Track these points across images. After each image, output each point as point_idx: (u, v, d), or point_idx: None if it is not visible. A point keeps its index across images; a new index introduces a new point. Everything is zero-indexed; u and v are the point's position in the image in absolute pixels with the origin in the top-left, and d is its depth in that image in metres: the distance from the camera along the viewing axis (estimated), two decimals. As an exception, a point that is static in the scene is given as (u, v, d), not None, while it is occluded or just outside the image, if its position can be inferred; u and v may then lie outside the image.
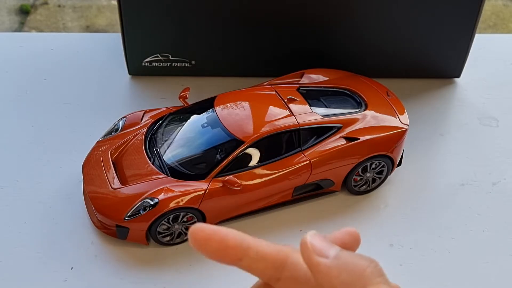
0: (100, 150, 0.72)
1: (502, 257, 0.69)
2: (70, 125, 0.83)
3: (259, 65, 0.88)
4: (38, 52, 0.95)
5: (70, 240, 0.69)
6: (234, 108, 0.71)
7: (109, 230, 0.68)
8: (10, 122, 0.83)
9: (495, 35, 1.36)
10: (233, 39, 0.86)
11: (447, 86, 0.91)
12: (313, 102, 0.73)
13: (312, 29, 0.84)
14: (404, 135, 0.74)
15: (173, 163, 0.68)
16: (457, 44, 0.87)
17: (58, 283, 0.65)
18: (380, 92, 0.78)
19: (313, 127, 0.70)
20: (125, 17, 0.82)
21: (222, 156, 0.68)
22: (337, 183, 0.73)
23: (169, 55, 0.87)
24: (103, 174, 0.69)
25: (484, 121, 0.86)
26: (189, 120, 0.72)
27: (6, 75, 0.91)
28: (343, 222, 0.71)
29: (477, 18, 0.83)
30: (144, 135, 0.72)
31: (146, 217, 0.65)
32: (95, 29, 2.01)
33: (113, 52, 0.93)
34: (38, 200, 0.73)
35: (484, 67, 0.94)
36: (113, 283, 0.65)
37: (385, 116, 0.75)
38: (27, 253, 0.68)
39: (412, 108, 0.83)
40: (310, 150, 0.70)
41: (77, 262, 0.67)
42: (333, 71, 0.82)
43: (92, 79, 0.90)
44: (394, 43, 0.86)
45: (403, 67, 0.89)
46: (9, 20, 2.05)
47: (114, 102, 0.86)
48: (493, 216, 0.74)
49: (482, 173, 0.79)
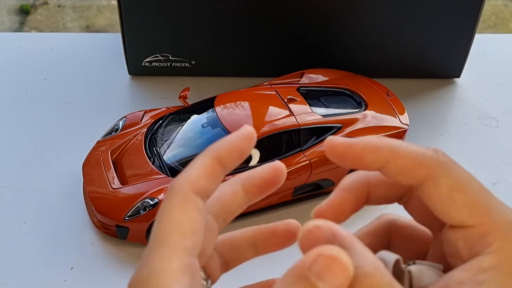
0: (100, 150, 0.72)
1: (502, 257, 0.69)
2: (70, 125, 0.83)
3: (259, 65, 0.88)
4: (38, 52, 0.95)
5: (70, 240, 0.69)
6: (234, 108, 0.71)
7: (109, 230, 0.68)
8: (10, 122, 0.83)
9: (495, 35, 1.36)
10: (233, 39, 0.86)
11: (447, 86, 0.91)
12: (313, 102, 0.73)
13: (312, 29, 0.84)
14: (404, 135, 0.74)
15: (173, 163, 0.68)
16: (457, 44, 0.87)
17: (58, 283, 0.65)
18: (380, 92, 0.78)
19: (313, 127, 0.70)
20: (125, 17, 0.82)
21: (222, 156, 0.68)
22: (337, 183, 0.73)
23: (169, 55, 0.87)
24: (103, 174, 0.69)
25: (484, 121, 0.86)
26: (189, 120, 0.72)
27: (6, 75, 0.91)
28: (343, 222, 0.71)
29: (477, 18, 0.83)
30: (144, 135, 0.72)
31: (146, 217, 0.65)
32: (95, 29, 2.00)
33: (113, 52, 0.93)
34: (38, 200, 0.73)
35: (484, 67, 0.94)
36: (113, 283, 0.65)
37: (385, 116, 0.75)
38: (27, 253, 0.68)
39: (412, 108, 0.83)
40: (310, 150, 0.70)
41: (77, 262, 0.67)
42: (333, 71, 0.82)
43: (92, 79, 0.90)
44: (394, 43, 0.86)
45: (403, 67, 0.89)
46: (9, 20, 2.05)
47: (114, 102, 0.86)
48: (493, 216, 0.73)
49: (482, 173, 0.78)
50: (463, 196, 0.29)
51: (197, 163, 0.32)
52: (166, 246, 0.29)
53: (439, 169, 0.30)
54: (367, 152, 0.31)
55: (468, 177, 0.30)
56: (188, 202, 0.31)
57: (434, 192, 0.30)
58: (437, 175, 0.29)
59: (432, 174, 0.29)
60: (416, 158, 0.30)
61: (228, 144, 0.33)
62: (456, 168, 0.30)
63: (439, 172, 0.29)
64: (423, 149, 0.30)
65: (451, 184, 0.29)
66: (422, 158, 0.30)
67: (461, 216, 0.29)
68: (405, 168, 0.30)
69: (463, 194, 0.29)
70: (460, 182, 0.29)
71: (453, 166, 0.30)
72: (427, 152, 0.30)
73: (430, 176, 0.30)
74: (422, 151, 0.30)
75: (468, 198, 0.29)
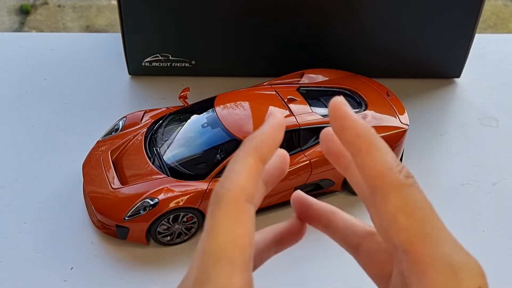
0: (100, 150, 0.72)
1: (502, 257, 0.69)
2: (70, 125, 0.83)
3: (259, 65, 0.88)
4: (38, 52, 0.95)
5: (70, 240, 0.69)
6: (234, 108, 0.71)
7: (109, 230, 0.68)
8: (10, 122, 0.83)
9: (495, 35, 1.36)
10: (233, 39, 0.86)
11: (447, 86, 0.91)
12: (313, 102, 0.73)
13: (312, 29, 0.84)
14: (404, 135, 0.74)
15: (173, 163, 0.68)
16: (457, 44, 0.87)
17: (58, 283, 0.65)
18: (380, 92, 0.78)
19: (313, 127, 0.70)
20: (125, 17, 0.82)
21: (222, 156, 0.68)
22: (337, 183, 0.73)
23: (169, 55, 0.87)
24: (103, 174, 0.69)
25: (484, 121, 0.86)
26: (189, 120, 0.72)
27: (6, 75, 0.91)
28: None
29: (477, 18, 0.83)
30: (144, 135, 0.72)
31: (146, 217, 0.65)
32: (95, 29, 2.01)
33: (113, 52, 0.93)
34: (38, 200, 0.73)
35: (484, 67, 0.94)
36: (113, 283, 0.65)
37: (385, 116, 0.75)
38: (27, 253, 0.68)
39: (412, 108, 0.83)
40: (310, 150, 0.70)
41: (77, 262, 0.67)
42: (333, 71, 0.82)
43: (92, 79, 0.90)
44: (394, 43, 0.86)
45: (403, 67, 0.89)
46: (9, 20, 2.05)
47: (114, 102, 0.86)
48: (493, 216, 0.74)
49: (482, 173, 0.79)
50: (406, 219, 0.29)
51: (241, 166, 0.30)
52: (225, 261, 0.28)
53: (395, 187, 0.30)
54: (349, 132, 0.31)
55: (420, 203, 0.30)
56: (242, 212, 0.30)
57: (382, 206, 0.30)
58: (390, 191, 0.29)
59: (386, 189, 0.30)
60: (381, 167, 0.30)
61: (266, 138, 0.32)
62: (412, 192, 0.30)
63: (393, 190, 0.29)
64: (394, 162, 0.30)
65: (399, 204, 0.29)
66: (386, 170, 0.30)
67: (398, 238, 0.29)
68: (368, 171, 0.30)
69: (407, 217, 0.29)
70: (408, 205, 0.29)
71: (410, 188, 0.30)
72: (394, 167, 0.30)
73: (384, 189, 0.30)
74: (390, 163, 0.30)
75: (410, 222, 0.29)
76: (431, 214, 0.30)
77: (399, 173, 0.30)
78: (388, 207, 0.29)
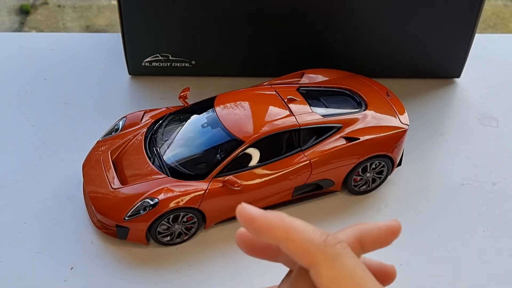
0: (100, 150, 0.72)
1: (502, 257, 0.69)
2: (70, 125, 0.83)
3: (259, 65, 0.88)
4: (38, 52, 0.95)
5: (70, 240, 0.69)
6: (234, 108, 0.71)
7: (109, 230, 0.68)
8: (10, 122, 0.83)
9: (495, 35, 1.36)
10: (233, 39, 0.86)
11: (447, 86, 0.91)
12: (313, 102, 0.73)
13: (312, 29, 0.84)
14: (404, 135, 0.74)
15: (173, 163, 0.68)
16: (457, 44, 0.87)
17: (58, 283, 0.65)
18: (380, 92, 0.78)
19: (313, 127, 0.70)
20: (125, 17, 0.82)
21: (222, 156, 0.68)
22: (337, 183, 0.73)
23: (169, 55, 0.87)
24: (103, 174, 0.69)
25: (484, 121, 0.86)
26: (189, 120, 0.72)
27: (6, 75, 0.91)
28: (343, 222, 0.71)
29: (477, 18, 0.83)
30: (144, 135, 0.72)
31: (146, 217, 0.65)
32: (95, 29, 2.01)
33: (113, 52, 0.93)
34: (38, 200, 0.73)
35: (484, 67, 0.94)
36: (113, 283, 0.65)
37: (385, 116, 0.75)
38: (27, 253, 0.68)
39: (412, 108, 0.83)
40: (310, 150, 0.70)
41: (77, 262, 0.67)
42: (333, 71, 0.82)
43: (92, 79, 0.90)
44: (394, 43, 0.86)
45: (403, 67, 0.89)
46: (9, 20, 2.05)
47: (114, 102, 0.86)
48: (493, 216, 0.74)
49: (482, 173, 0.78)
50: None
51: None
52: None
53: (324, 261, 0.31)
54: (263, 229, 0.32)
55: (351, 271, 0.31)
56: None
57: (317, 281, 0.31)
58: (320, 266, 0.31)
59: (316, 264, 0.31)
60: (304, 245, 0.31)
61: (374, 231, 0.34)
62: (342, 261, 0.31)
63: (323, 264, 0.31)
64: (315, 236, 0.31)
65: (331, 278, 0.30)
66: (310, 247, 0.31)
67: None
68: (294, 252, 0.31)
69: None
70: (340, 278, 0.30)
71: (338, 258, 0.31)
72: (317, 240, 0.31)
73: (314, 265, 0.31)
74: (312, 238, 0.31)
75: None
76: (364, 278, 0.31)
77: (324, 244, 0.31)
78: (322, 281, 0.30)
